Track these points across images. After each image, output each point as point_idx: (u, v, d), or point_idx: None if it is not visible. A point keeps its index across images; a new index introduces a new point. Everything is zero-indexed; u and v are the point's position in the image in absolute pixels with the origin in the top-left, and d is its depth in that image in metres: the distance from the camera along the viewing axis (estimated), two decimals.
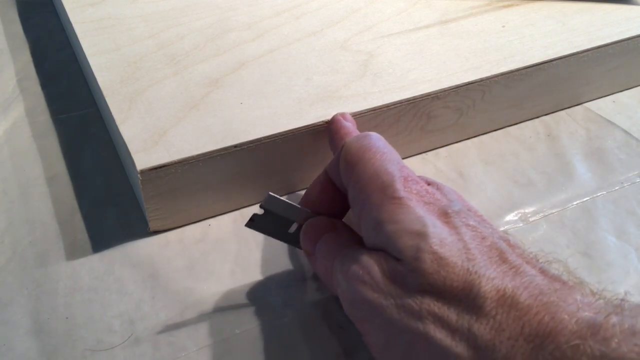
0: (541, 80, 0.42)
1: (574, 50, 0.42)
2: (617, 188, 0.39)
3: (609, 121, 0.44)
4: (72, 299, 0.30)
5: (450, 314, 0.21)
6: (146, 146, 0.33)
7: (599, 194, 0.38)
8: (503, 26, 0.45)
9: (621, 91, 0.48)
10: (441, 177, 0.39)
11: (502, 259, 0.22)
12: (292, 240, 0.30)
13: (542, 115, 0.45)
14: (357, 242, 0.27)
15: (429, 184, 0.28)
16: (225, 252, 0.33)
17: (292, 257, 0.33)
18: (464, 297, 0.21)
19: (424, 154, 0.41)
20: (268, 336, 0.29)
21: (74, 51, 0.50)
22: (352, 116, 0.35)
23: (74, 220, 0.35)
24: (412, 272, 0.22)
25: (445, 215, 0.24)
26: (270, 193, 0.28)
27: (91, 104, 0.45)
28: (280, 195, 0.29)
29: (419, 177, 0.27)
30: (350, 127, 0.33)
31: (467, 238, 0.23)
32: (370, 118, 0.36)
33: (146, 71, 0.39)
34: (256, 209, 0.36)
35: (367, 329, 0.24)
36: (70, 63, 0.49)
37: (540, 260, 0.23)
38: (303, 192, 0.37)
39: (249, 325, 0.30)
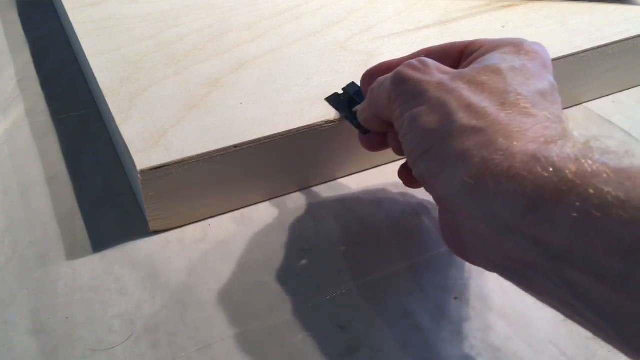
0: None
1: (574, 50, 0.42)
2: None
3: (608, 121, 0.44)
4: (72, 299, 0.30)
5: (475, 99, 0.25)
6: (146, 146, 0.33)
7: None
8: (503, 26, 0.45)
9: (621, 91, 0.48)
10: None
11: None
12: (352, 117, 0.35)
13: None
14: None
15: None
16: (225, 252, 0.33)
17: (293, 257, 0.33)
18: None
19: None
20: (268, 336, 0.29)
21: (74, 51, 0.50)
22: None
23: (74, 220, 0.35)
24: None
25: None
26: (354, 81, 0.36)
27: (91, 104, 0.45)
28: (281, 195, 0.34)
29: None
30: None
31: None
32: None
33: (146, 71, 0.39)
34: (257, 209, 0.36)
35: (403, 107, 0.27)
36: (70, 63, 0.49)
37: None
38: (303, 192, 0.37)
39: (249, 325, 0.30)
